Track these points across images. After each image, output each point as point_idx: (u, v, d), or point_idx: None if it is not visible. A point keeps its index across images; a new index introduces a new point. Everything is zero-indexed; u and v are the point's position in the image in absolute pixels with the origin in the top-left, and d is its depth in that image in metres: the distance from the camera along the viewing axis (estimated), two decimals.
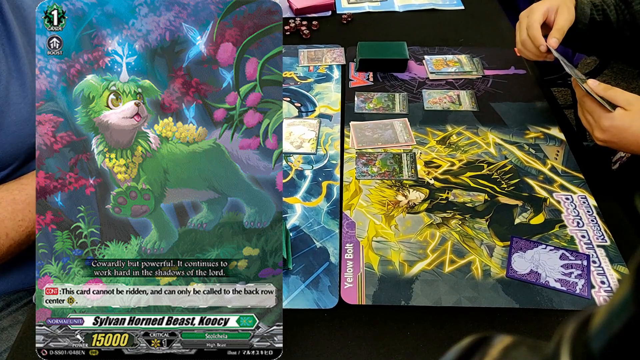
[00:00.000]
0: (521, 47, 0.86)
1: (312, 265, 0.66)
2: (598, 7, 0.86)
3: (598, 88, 0.70)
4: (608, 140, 0.70)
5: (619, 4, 0.88)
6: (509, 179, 0.78)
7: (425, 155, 0.82)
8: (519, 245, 0.67)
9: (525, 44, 0.84)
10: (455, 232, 0.70)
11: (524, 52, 0.86)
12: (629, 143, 0.68)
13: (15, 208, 0.66)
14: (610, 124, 0.68)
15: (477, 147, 0.84)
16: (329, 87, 0.99)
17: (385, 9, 1.26)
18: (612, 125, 0.68)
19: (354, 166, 0.81)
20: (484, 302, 0.61)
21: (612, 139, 0.69)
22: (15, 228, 0.65)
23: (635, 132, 0.67)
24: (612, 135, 0.69)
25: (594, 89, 0.70)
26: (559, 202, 0.73)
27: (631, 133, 0.67)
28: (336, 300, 0.62)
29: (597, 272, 0.64)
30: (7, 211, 0.65)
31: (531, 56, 0.85)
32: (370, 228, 0.71)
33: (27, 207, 0.66)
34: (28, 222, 0.67)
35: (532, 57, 0.85)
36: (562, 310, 0.60)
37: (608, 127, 0.68)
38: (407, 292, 0.63)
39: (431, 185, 0.77)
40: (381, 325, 0.60)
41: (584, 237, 0.68)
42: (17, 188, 0.67)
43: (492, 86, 0.98)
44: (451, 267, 0.65)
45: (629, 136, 0.67)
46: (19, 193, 0.66)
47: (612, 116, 0.68)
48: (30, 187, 0.68)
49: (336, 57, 1.07)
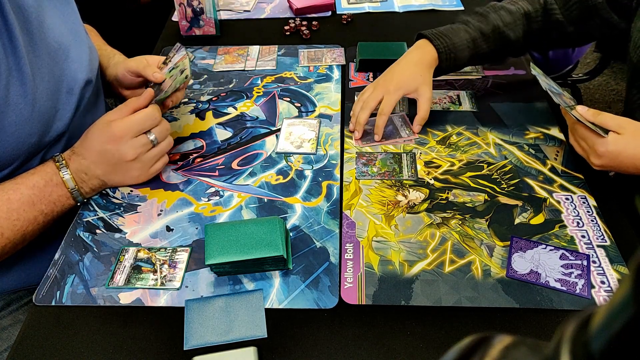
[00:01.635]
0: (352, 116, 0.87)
1: (312, 265, 0.66)
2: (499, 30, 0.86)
3: (587, 114, 0.70)
4: (605, 165, 0.70)
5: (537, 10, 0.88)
6: (509, 179, 0.78)
7: (425, 155, 0.82)
8: (519, 245, 0.67)
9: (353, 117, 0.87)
10: (455, 232, 0.70)
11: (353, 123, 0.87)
12: (626, 166, 0.69)
13: (10, 207, 0.65)
14: (605, 150, 0.68)
15: (477, 147, 0.84)
16: (329, 87, 0.99)
17: (385, 9, 1.26)
18: (607, 150, 0.68)
19: (354, 166, 0.81)
20: (484, 302, 0.61)
21: (609, 164, 0.69)
22: (11, 227, 0.65)
23: (631, 155, 0.67)
24: (609, 160, 0.69)
25: (583, 115, 0.70)
26: (559, 202, 0.73)
27: (626, 156, 0.67)
28: (336, 300, 0.62)
29: (597, 272, 0.64)
30: (2, 210, 0.65)
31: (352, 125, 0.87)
32: (370, 228, 0.71)
33: (22, 206, 0.66)
34: (23, 221, 0.66)
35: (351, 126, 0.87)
36: (562, 310, 0.60)
37: (604, 153, 0.68)
38: (407, 292, 0.63)
39: (431, 185, 0.77)
40: (381, 325, 0.60)
41: (584, 237, 0.68)
42: (11, 188, 0.67)
43: (492, 86, 0.98)
44: (451, 267, 0.65)
45: (624, 159, 0.68)
46: (14, 193, 0.66)
47: (606, 142, 0.68)
48: (24, 186, 0.67)
49: (336, 57, 1.07)
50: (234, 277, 0.65)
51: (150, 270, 0.66)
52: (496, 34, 0.86)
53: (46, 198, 0.69)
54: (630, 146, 0.67)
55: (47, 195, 0.69)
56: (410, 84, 0.83)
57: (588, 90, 2.36)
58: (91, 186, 0.73)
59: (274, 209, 0.74)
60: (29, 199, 0.67)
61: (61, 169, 0.70)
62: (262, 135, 0.88)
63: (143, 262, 0.67)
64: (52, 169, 0.70)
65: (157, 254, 0.68)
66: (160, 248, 0.69)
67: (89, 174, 0.72)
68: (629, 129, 0.68)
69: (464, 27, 0.87)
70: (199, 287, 0.64)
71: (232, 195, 0.77)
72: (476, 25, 0.87)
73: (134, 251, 0.69)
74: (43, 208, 0.68)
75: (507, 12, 0.87)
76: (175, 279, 0.65)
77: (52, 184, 0.69)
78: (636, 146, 0.67)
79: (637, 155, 0.67)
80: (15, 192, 0.67)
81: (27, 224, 0.67)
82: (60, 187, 0.70)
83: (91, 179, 0.73)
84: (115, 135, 0.70)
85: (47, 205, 0.69)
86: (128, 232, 0.72)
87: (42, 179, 0.69)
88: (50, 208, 0.69)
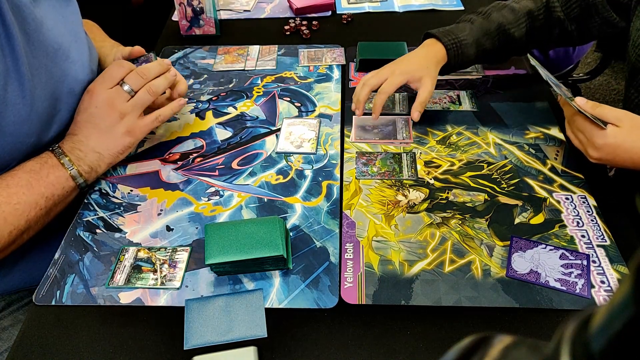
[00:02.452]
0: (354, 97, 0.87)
1: (312, 265, 0.66)
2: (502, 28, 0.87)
3: (587, 106, 0.70)
4: (602, 157, 0.70)
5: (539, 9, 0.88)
6: (509, 179, 0.78)
7: (425, 155, 0.82)
8: (519, 245, 0.67)
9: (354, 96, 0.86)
10: (455, 232, 0.70)
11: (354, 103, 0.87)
12: (623, 160, 0.68)
13: (10, 192, 0.65)
14: (604, 142, 0.68)
15: (477, 147, 0.84)
16: (329, 87, 0.99)
17: (385, 9, 1.26)
18: (605, 143, 0.68)
19: (354, 166, 0.81)
20: (484, 301, 0.61)
21: (607, 157, 0.69)
22: (12, 212, 0.65)
23: (628, 148, 0.67)
24: (606, 153, 0.69)
25: (582, 106, 0.70)
26: (558, 202, 0.73)
27: (624, 149, 0.67)
28: (336, 300, 0.62)
29: (597, 272, 0.64)
30: (2, 196, 0.65)
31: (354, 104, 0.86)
32: (370, 228, 0.71)
33: (20, 189, 0.66)
34: (24, 205, 0.66)
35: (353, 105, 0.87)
36: (562, 310, 0.60)
37: (602, 145, 0.68)
38: (407, 291, 0.63)
39: (431, 185, 0.77)
40: (381, 325, 0.60)
41: (584, 237, 0.68)
42: (9, 174, 0.67)
43: (492, 86, 0.98)
44: (451, 266, 0.65)
45: (622, 153, 0.68)
46: (12, 178, 0.67)
47: (604, 134, 0.68)
48: (21, 171, 0.68)
49: (336, 57, 1.07)
50: (234, 277, 0.65)
51: (151, 270, 0.66)
52: (500, 32, 0.87)
53: (44, 180, 0.68)
54: (628, 139, 0.67)
55: (45, 177, 0.68)
56: (416, 72, 0.83)
57: (589, 90, 2.36)
58: (89, 163, 0.73)
59: (274, 209, 0.74)
60: (27, 182, 0.67)
61: (55, 151, 0.71)
62: (262, 135, 0.88)
63: (143, 261, 0.67)
64: (47, 154, 0.71)
65: (157, 253, 0.68)
66: (160, 248, 0.69)
67: (83, 149, 0.72)
68: (627, 122, 0.67)
69: (469, 25, 0.87)
70: (199, 287, 0.64)
71: (232, 195, 0.77)
72: (480, 23, 0.87)
73: (134, 251, 0.69)
74: (43, 191, 0.68)
75: (510, 10, 0.88)
76: (175, 278, 0.65)
77: (48, 166, 0.69)
78: (634, 140, 0.67)
79: (634, 148, 0.67)
80: (13, 177, 0.67)
81: (29, 208, 0.67)
82: (57, 167, 0.70)
83: (87, 154, 0.73)
84: (90, 93, 0.74)
85: (46, 187, 0.68)
86: (128, 231, 0.72)
87: (38, 163, 0.69)
88: (50, 191, 0.69)
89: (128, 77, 0.75)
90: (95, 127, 0.73)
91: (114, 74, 0.75)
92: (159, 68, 0.78)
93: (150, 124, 0.77)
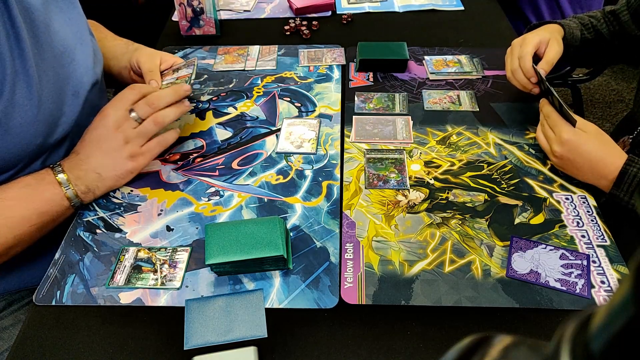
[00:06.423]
0: (511, 76, 0.87)
1: (312, 265, 0.66)
2: (588, 25, 0.92)
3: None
4: (564, 155, 0.73)
5: (607, 16, 0.92)
6: (509, 179, 0.78)
7: (425, 155, 0.82)
8: (519, 245, 0.68)
9: (515, 74, 0.86)
10: (455, 232, 0.70)
11: (513, 80, 0.87)
12: (581, 162, 0.72)
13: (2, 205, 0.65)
14: (569, 138, 0.72)
15: (477, 147, 0.84)
16: (329, 87, 0.99)
17: (385, 9, 1.26)
18: (570, 139, 0.72)
19: (354, 166, 0.81)
20: (484, 302, 0.61)
21: (568, 154, 0.72)
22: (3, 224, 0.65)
23: (589, 150, 0.71)
24: (568, 150, 0.72)
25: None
26: (558, 202, 0.73)
27: (585, 150, 0.71)
28: (336, 300, 0.62)
29: (597, 272, 0.64)
30: None
31: (519, 86, 0.86)
32: (370, 228, 0.71)
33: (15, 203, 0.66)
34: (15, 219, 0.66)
35: (520, 87, 0.86)
36: (562, 310, 0.60)
37: (567, 141, 0.72)
38: (407, 292, 0.63)
39: (431, 185, 0.77)
40: (381, 325, 0.60)
41: (584, 237, 0.68)
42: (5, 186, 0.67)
43: (492, 86, 0.98)
44: (451, 266, 0.65)
45: (583, 152, 0.71)
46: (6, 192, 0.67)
47: (573, 130, 0.72)
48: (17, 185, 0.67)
49: (336, 57, 1.07)
50: (234, 277, 0.65)
51: (151, 270, 0.66)
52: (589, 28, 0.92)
53: (39, 195, 0.68)
54: (590, 143, 0.71)
55: (40, 193, 0.68)
56: (544, 36, 0.85)
57: (588, 91, 2.36)
58: (87, 183, 0.71)
59: (274, 209, 0.74)
60: (23, 196, 0.67)
61: (54, 168, 0.70)
62: (262, 135, 0.88)
63: (143, 261, 0.67)
64: (46, 171, 0.70)
65: (157, 253, 0.68)
66: (161, 248, 0.69)
67: (83, 168, 0.71)
68: (593, 131, 0.72)
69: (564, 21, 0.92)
70: (199, 287, 0.64)
71: (232, 195, 0.77)
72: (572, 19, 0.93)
73: (134, 251, 0.69)
74: (37, 206, 0.67)
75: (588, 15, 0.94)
76: (175, 278, 0.65)
77: (45, 182, 0.69)
78: (595, 145, 0.71)
79: (592, 152, 0.71)
80: (7, 191, 0.66)
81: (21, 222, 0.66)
82: (53, 185, 0.69)
83: (87, 173, 0.72)
84: (102, 114, 0.74)
85: (40, 203, 0.68)
86: (128, 231, 0.72)
87: (34, 178, 0.69)
88: (45, 207, 0.68)
89: (137, 105, 0.74)
90: (98, 147, 0.73)
91: (125, 98, 0.75)
92: (171, 97, 0.76)
93: (153, 149, 0.76)
